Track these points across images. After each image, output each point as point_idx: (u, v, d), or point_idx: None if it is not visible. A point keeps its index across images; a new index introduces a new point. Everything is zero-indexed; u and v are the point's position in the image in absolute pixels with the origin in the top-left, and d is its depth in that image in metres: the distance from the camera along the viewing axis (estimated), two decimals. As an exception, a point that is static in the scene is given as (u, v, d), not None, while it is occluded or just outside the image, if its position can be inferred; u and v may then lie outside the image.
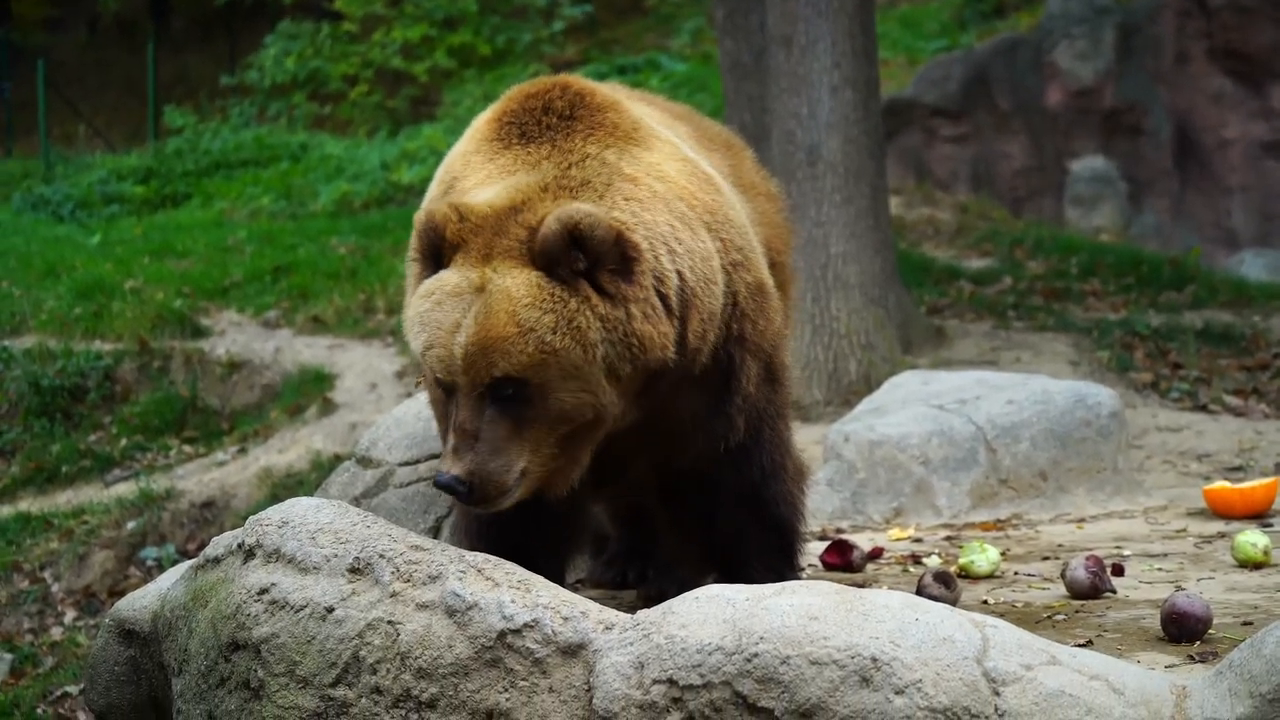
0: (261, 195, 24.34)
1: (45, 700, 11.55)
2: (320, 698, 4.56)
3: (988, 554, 6.45)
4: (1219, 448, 10.90)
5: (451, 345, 4.68)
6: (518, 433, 4.69)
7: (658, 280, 4.81)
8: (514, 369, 4.62)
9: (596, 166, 5.02)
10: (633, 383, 4.85)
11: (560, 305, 4.64)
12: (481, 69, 28.48)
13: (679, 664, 4.18)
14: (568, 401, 4.70)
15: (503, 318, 4.62)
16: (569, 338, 4.63)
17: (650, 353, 4.77)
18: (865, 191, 13.58)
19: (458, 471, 4.66)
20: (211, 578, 4.98)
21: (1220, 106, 21.98)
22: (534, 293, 4.65)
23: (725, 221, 5.23)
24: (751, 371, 5.30)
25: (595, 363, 4.67)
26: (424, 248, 4.90)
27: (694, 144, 5.87)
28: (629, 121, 5.28)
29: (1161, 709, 4.01)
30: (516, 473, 4.72)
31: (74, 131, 32.19)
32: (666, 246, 4.88)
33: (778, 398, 5.51)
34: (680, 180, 5.16)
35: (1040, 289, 17.46)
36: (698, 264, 4.96)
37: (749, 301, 5.26)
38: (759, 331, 5.30)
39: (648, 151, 5.19)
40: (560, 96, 5.27)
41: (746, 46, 16.36)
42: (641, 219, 4.88)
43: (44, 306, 18.17)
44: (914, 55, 25.35)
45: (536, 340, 4.61)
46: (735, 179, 6.37)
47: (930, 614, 4.16)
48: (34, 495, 14.98)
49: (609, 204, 4.88)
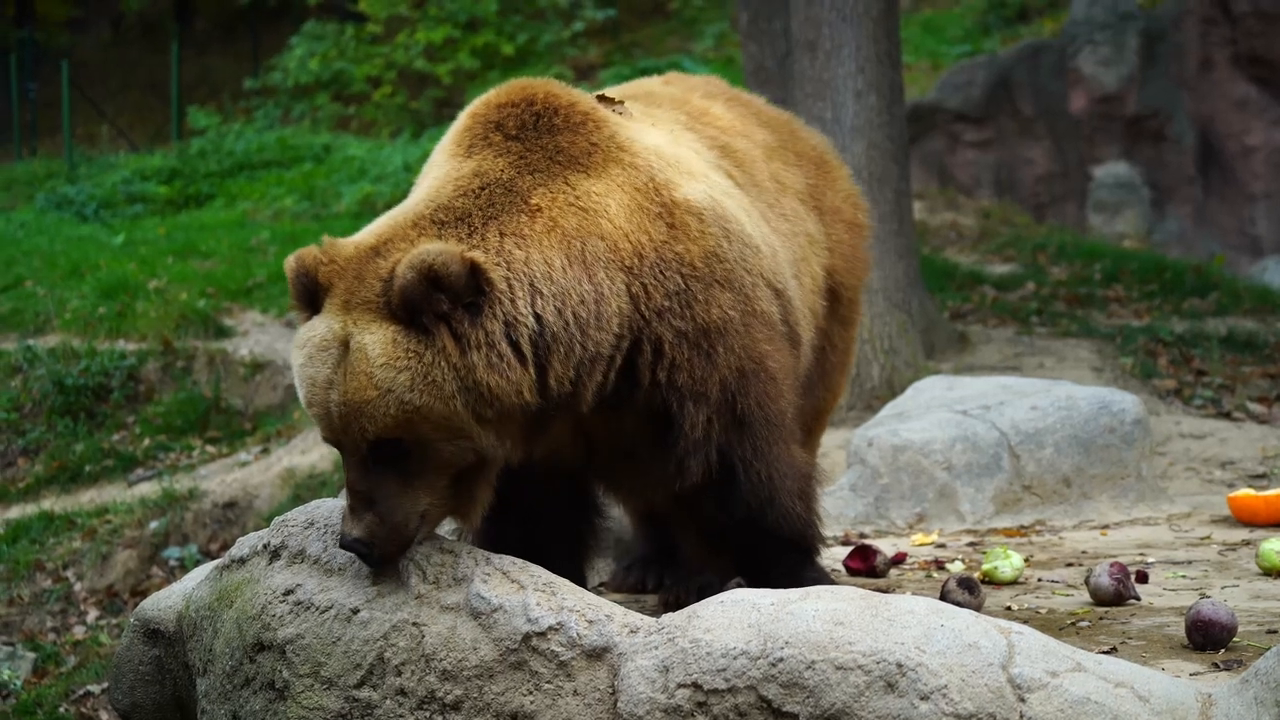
0: (285, 196, 24.37)
1: (68, 699, 11.58)
2: (345, 699, 4.57)
3: (1011, 560, 6.43)
4: (1243, 455, 10.87)
5: (327, 404, 4.58)
6: (408, 485, 4.61)
7: (508, 325, 4.63)
8: (383, 431, 4.53)
9: (498, 195, 4.85)
10: (510, 424, 4.73)
11: (415, 361, 4.52)
12: (505, 70, 28.49)
13: (704, 668, 4.18)
14: (446, 450, 4.61)
15: (362, 380, 4.51)
16: (427, 394, 4.51)
17: (503, 400, 4.61)
18: (889, 196, 13.56)
19: (358, 534, 4.57)
20: (237, 578, 4.99)
21: (1244, 113, 21.96)
22: (389, 350, 4.52)
23: (659, 265, 5.00)
24: (697, 419, 5.10)
25: (458, 413, 4.54)
26: (297, 293, 4.77)
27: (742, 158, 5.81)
28: (585, 144, 5.08)
29: (1187, 717, 4.00)
30: (416, 520, 4.64)
31: (98, 132, 32.32)
32: (530, 287, 4.68)
33: (750, 439, 5.25)
34: (616, 216, 4.96)
35: (1063, 295, 17.43)
36: (571, 306, 4.75)
37: (680, 350, 5.03)
38: (699, 379, 5.07)
39: (591, 179, 5.00)
40: (526, 110, 5.11)
41: (770, 51, 16.37)
42: (510, 256, 4.70)
43: (68, 306, 18.22)
44: (937, 60, 25.35)
45: (396, 401, 4.49)
46: (814, 200, 6.28)
47: (956, 620, 4.15)
48: (57, 495, 15.02)
49: (477, 239, 4.70)
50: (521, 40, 29.50)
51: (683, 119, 5.83)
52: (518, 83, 5.27)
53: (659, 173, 5.16)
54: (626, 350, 4.98)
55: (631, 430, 5.18)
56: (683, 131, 5.69)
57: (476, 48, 29.39)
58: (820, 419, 6.77)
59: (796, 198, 6.12)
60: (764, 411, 5.26)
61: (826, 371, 6.43)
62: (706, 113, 6.02)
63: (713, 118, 6.00)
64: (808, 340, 5.85)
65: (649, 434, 5.17)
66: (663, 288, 5.00)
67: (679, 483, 5.21)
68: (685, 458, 5.16)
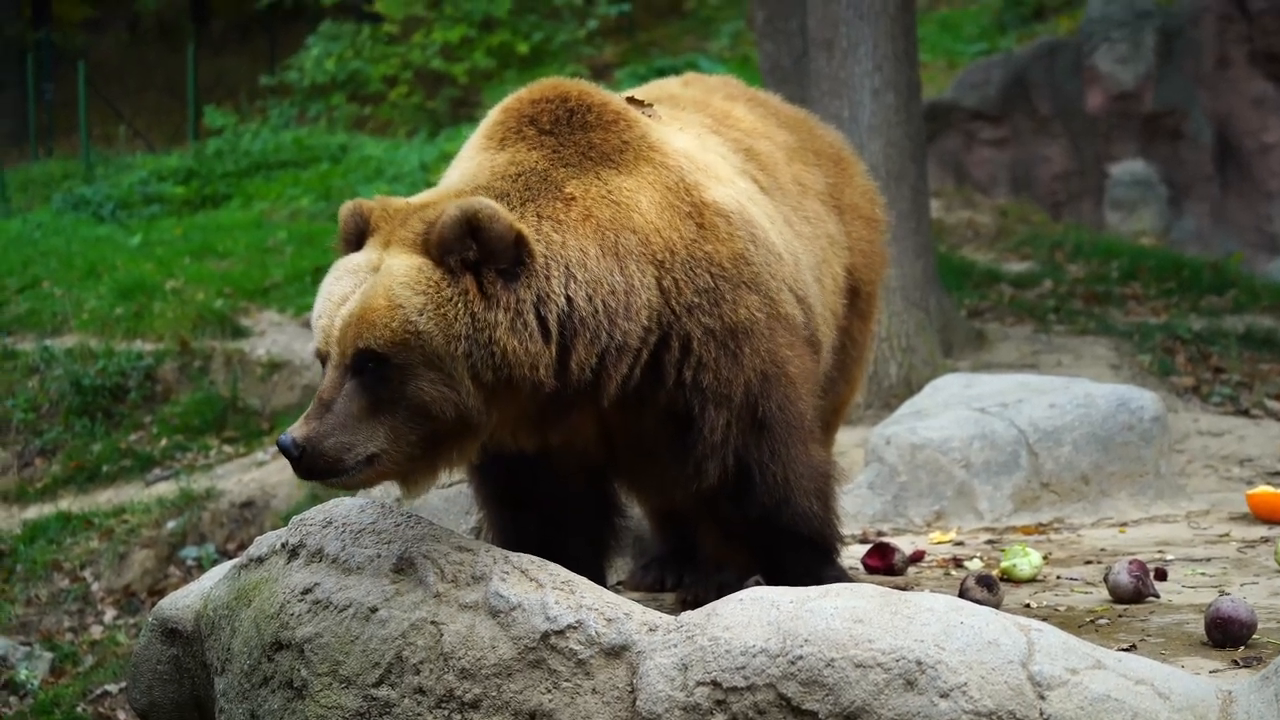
0: (301, 196, 24.36)
1: (85, 699, 11.61)
2: (363, 698, 4.57)
3: (1030, 558, 6.42)
4: (1261, 452, 10.84)
5: (335, 316, 4.68)
6: (372, 414, 4.61)
7: (540, 299, 4.73)
8: (376, 344, 4.58)
9: (533, 181, 4.97)
10: (512, 399, 4.77)
11: (434, 290, 4.62)
12: (521, 70, 28.49)
13: (723, 666, 4.18)
14: (427, 391, 4.62)
15: (379, 291, 4.62)
16: (434, 323, 4.58)
17: (515, 369, 4.67)
18: (906, 194, 13.53)
19: (297, 435, 4.57)
20: (255, 577, 4.99)
21: (1261, 111, 21.89)
22: (413, 274, 4.63)
23: (689, 262, 5.07)
24: (717, 422, 5.14)
25: (458, 358, 4.60)
26: (345, 233, 4.93)
27: (766, 160, 5.84)
28: (618, 141, 5.18)
29: (1207, 714, 3.99)
30: (360, 455, 4.61)
31: (114, 132, 32.34)
32: (566, 270, 4.79)
33: (768, 442, 5.28)
34: (647, 211, 5.04)
35: (1081, 293, 17.40)
36: (602, 295, 4.84)
37: (707, 348, 5.09)
38: (724, 381, 5.12)
39: (622, 175, 5.09)
40: (560, 106, 5.20)
41: (787, 50, 16.33)
42: (548, 237, 4.82)
43: (85, 306, 18.23)
44: (953, 59, 25.29)
45: (402, 318, 4.57)
46: (834, 199, 6.32)
47: (975, 617, 4.15)
48: (75, 494, 15.05)
49: (517, 215, 4.81)
50: (537, 39, 29.49)
51: (708, 122, 5.88)
52: (550, 81, 5.37)
53: (689, 174, 5.23)
54: (654, 345, 5.04)
55: (651, 430, 5.20)
56: (709, 135, 5.75)
57: (492, 47, 29.38)
58: (839, 413, 6.83)
59: (818, 198, 6.14)
60: (784, 415, 5.30)
61: (846, 366, 6.48)
62: (729, 115, 6.07)
63: (735, 120, 6.05)
64: (828, 344, 5.89)
65: (668, 434, 5.20)
66: (693, 284, 5.07)
67: (697, 484, 5.25)
68: (703, 460, 5.20)
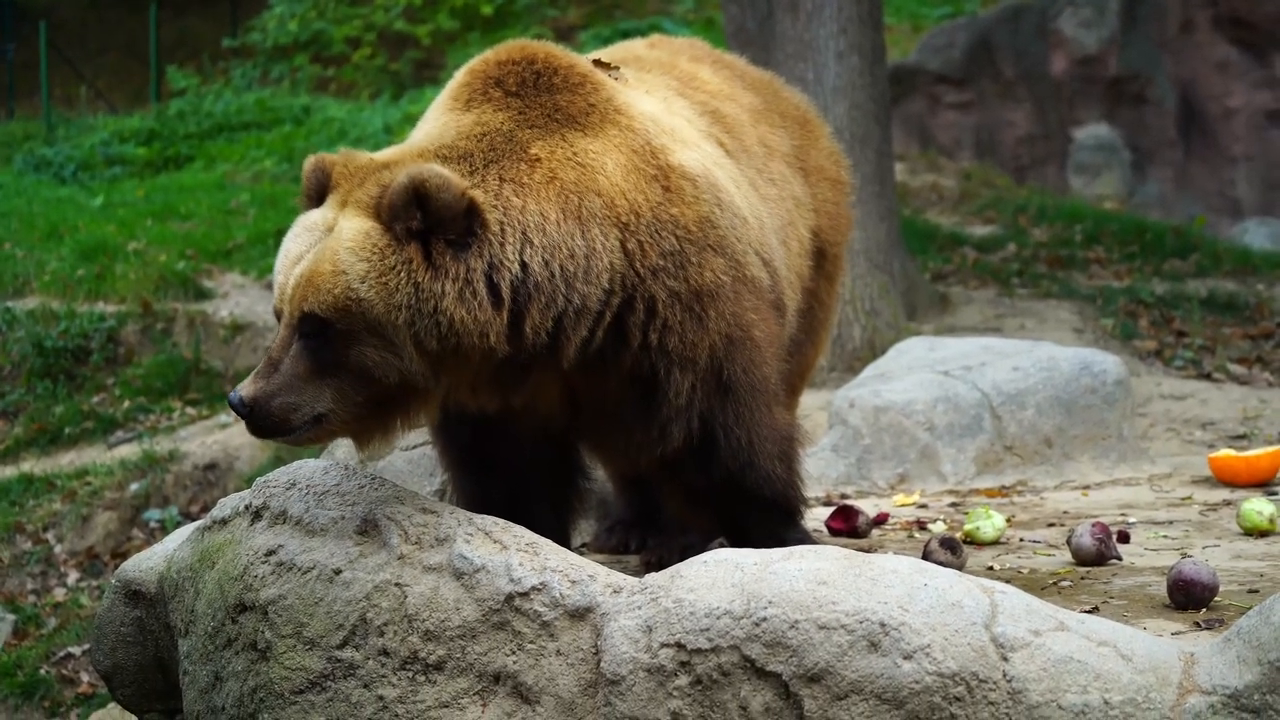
0: (264, 158, 24.25)
1: (48, 661, 11.59)
2: (327, 659, 4.56)
3: (993, 520, 6.44)
4: (1223, 416, 10.89)
5: (289, 275, 4.70)
6: (318, 375, 4.63)
7: (492, 266, 4.71)
8: (319, 308, 4.59)
9: (498, 141, 4.95)
10: (462, 365, 4.76)
11: (378, 258, 4.61)
12: (485, 32, 28.38)
13: (687, 628, 4.18)
14: (369, 356, 4.63)
15: (326, 255, 4.63)
16: (374, 291, 4.57)
17: (464, 337, 4.65)
18: (870, 158, 13.55)
19: (245, 394, 4.61)
20: (219, 539, 4.98)
21: (1225, 75, 21.95)
22: (359, 239, 4.62)
23: (655, 225, 5.05)
24: (681, 385, 5.13)
25: (399, 326, 4.59)
26: (308, 188, 4.93)
27: (732, 123, 5.83)
28: (584, 103, 5.16)
29: (1169, 675, 4.01)
30: (307, 415, 4.64)
31: (76, 93, 32.09)
32: (522, 235, 4.77)
33: (732, 405, 5.27)
34: (613, 174, 5.02)
35: (1044, 256, 17.45)
36: (559, 259, 4.81)
37: (672, 311, 5.07)
38: (689, 344, 5.11)
39: (588, 138, 5.07)
40: (526, 68, 5.18)
41: (751, 12, 16.23)
42: (508, 202, 4.79)
43: (46, 268, 18.12)
44: (918, 22, 25.32)
45: (344, 284, 4.57)
46: (799, 161, 6.33)
47: (939, 579, 4.16)
48: (37, 457, 14.98)
49: (478, 179, 4.80)
50: (500, 1, 29.38)
51: (673, 84, 5.87)
52: (517, 43, 5.34)
53: (655, 137, 5.22)
54: (617, 308, 5.02)
55: (616, 393, 5.19)
56: (675, 98, 5.74)
57: (456, 8, 29.28)
58: (804, 376, 6.83)
59: (783, 160, 6.14)
60: (748, 378, 5.29)
61: (812, 329, 6.49)
62: (695, 77, 6.05)
63: (701, 82, 6.03)
64: (793, 307, 5.88)
65: (633, 398, 5.19)
66: (658, 247, 5.05)
67: (661, 447, 5.24)
68: (668, 423, 5.20)
